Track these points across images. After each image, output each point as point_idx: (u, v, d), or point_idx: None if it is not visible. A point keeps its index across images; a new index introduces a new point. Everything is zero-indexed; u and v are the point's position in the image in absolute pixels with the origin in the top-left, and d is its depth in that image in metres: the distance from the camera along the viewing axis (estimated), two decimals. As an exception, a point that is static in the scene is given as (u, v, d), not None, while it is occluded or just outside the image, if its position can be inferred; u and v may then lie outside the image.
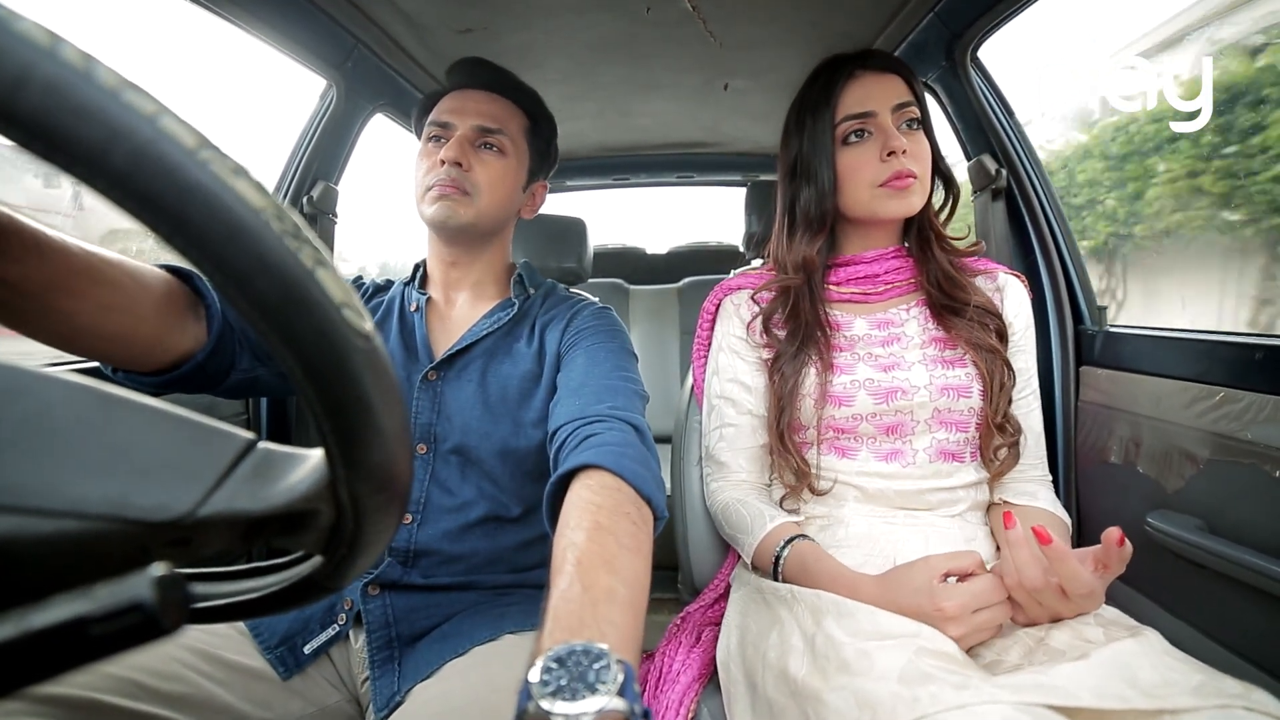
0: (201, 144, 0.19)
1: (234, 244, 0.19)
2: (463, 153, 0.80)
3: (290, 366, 0.22)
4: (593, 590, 0.43)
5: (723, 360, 0.90)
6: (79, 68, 0.17)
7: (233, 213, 0.19)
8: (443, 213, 0.80)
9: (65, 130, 0.17)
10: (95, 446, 0.22)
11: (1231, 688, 0.50)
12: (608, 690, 0.31)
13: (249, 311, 0.20)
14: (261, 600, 0.31)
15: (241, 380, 0.71)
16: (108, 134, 0.17)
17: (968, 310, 0.81)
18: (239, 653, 0.69)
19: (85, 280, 0.51)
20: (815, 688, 0.56)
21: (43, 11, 0.26)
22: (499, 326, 0.83)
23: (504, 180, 0.84)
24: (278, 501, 0.25)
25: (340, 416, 0.23)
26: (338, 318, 0.22)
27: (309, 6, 1.03)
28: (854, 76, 0.81)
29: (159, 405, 0.24)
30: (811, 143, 0.83)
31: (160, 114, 0.18)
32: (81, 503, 0.21)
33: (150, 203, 0.18)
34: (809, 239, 0.85)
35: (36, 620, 0.20)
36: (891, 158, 0.78)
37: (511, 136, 0.84)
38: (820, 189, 0.82)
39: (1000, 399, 0.78)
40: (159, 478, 0.23)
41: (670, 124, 1.84)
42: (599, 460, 0.58)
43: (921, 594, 0.62)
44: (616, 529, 0.50)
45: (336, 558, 0.28)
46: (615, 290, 2.42)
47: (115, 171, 0.18)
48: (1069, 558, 0.59)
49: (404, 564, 0.76)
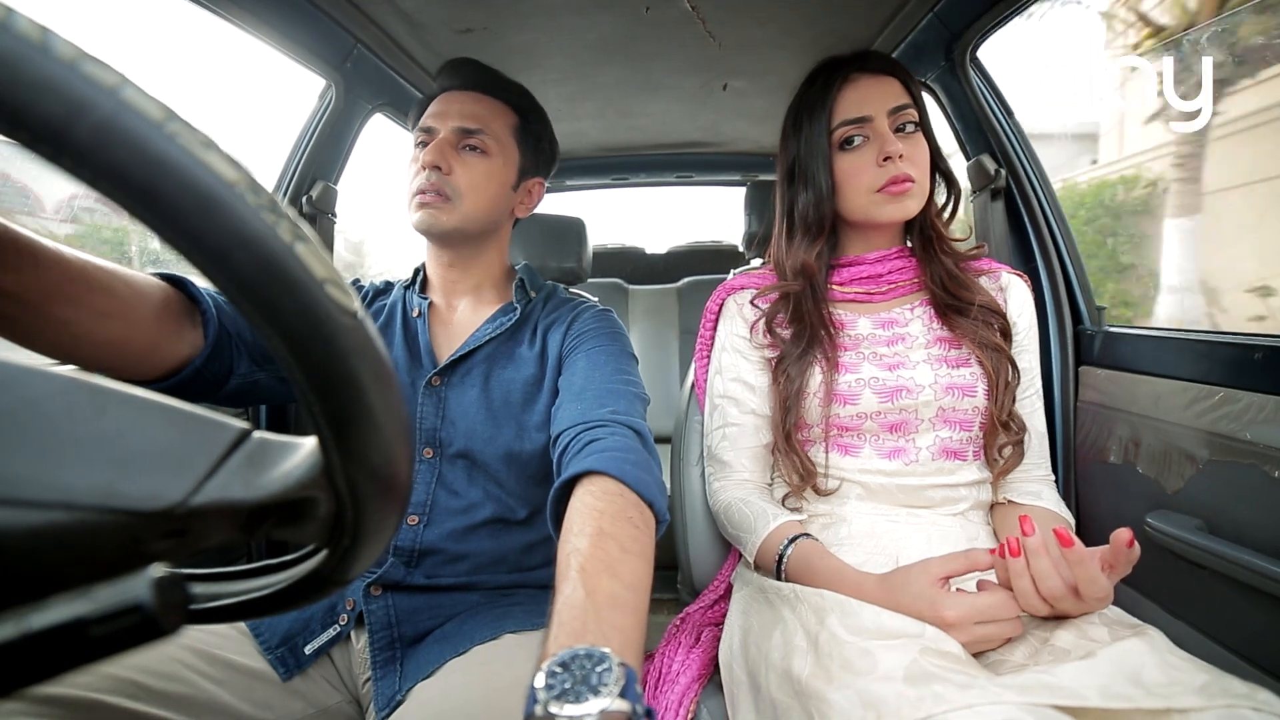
0: (168, 116, 0.18)
1: (208, 219, 0.19)
2: (442, 156, 0.80)
3: (275, 346, 0.21)
4: (596, 595, 0.43)
5: (726, 360, 0.90)
6: (35, 40, 0.16)
7: (205, 186, 0.18)
8: (425, 220, 0.80)
9: (23, 106, 0.16)
10: (84, 437, 0.21)
11: (1237, 687, 0.50)
12: (610, 692, 0.32)
13: (228, 288, 0.20)
14: (264, 600, 0.31)
15: (241, 385, 0.71)
16: (68, 108, 0.17)
17: (972, 310, 0.81)
18: (239, 653, 0.69)
19: (82, 288, 0.51)
20: (819, 687, 0.56)
21: (42, 10, 0.26)
22: (501, 331, 0.83)
23: (488, 181, 0.83)
24: (273, 489, 0.25)
25: (330, 398, 0.22)
26: (321, 295, 0.21)
27: (308, 6, 1.02)
28: (850, 80, 0.81)
29: (149, 396, 0.23)
30: (808, 147, 0.82)
31: (122, 85, 0.18)
32: (69, 493, 0.20)
33: (118, 178, 0.18)
34: (808, 243, 0.84)
35: (36, 621, 0.19)
36: (888, 163, 0.78)
37: (495, 135, 0.83)
38: (818, 193, 0.82)
39: (1005, 397, 0.78)
40: (149, 467, 0.22)
41: (670, 124, 1.84)
42: (602, 466, 0.59)
43: (922, 599, 0.62)
44: (619, 534, 0.51)
45: (340, 549, 0.28)
46: (615, 290, 2.42)
47: (78, 147, 0.17)
48: (1089, 561, 0.58)
49: (408, 564, 0.76)
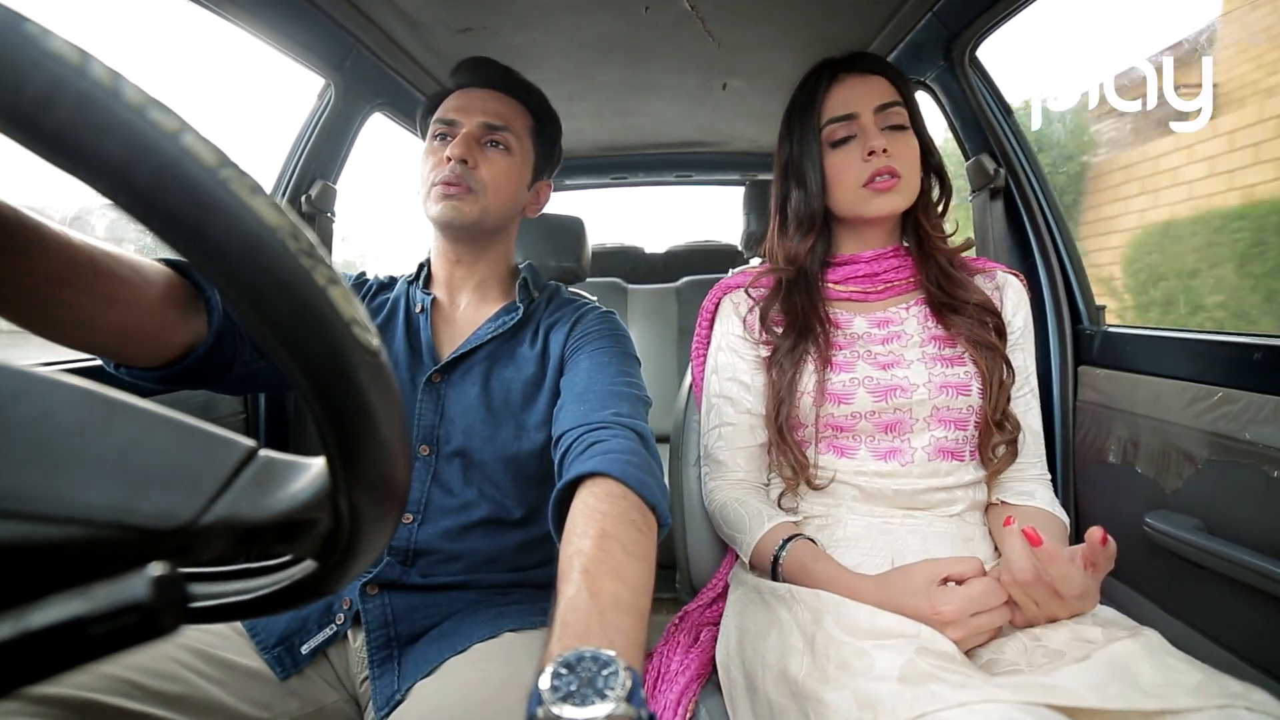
0: (222, 162, 0.19)
1: (249, 261, 0.20)
2: (469, 150, 0.81)
3: (298, 380, 0.22)
4: (600, 597, 0.43)
5: (722, 359, 0.90)
6: (106, 85, 0.17)
7: (249, 230, 0.19)
8: (448, 211, 0.80)
9: (89, 148, 0.17)
10: (99, 452, 0.22)
11: (1232, 687, 0.50)
12: (616, 696, 0.32)
13: (260, 327, 0.21)
14: (259, 600, 0.31)
15: (243, 375, 0.71)
16: (131, 152, 0.18)
17: (968, 309, 0.81)
18: (237, 653, 0.69)
19: (87, 273, 0.51)
20: (815, 688, 0.56)
21: (42, 8, 0.26)
22: (503, 330, 0.83)
23: (509, 178, 0.84)
24: (278, 510, 0.25)
25: (344, 428, 0.23)
26: (347, 335, 0.22)
27: (308, 6, 1.03)
28: (837, 80, 0.83)
29: (160, 410, 0.24)
30: (800, 146, 0.85)
31: (182, 131, 0.19)
32: (88, 510, 0.21)
33: (170, 219, 0.19)
34: (800, 237, 0.86)
35: (35, 620, 0.19)
36: (872, 157, 0.79)
37: (517, 134, 0.85)
38: (808, 190, 0.84)
39: (1000, 396, 0.78)
40: (162, 485, 0.23)
41: (668, 123, 1.84)
42: (605, 468, 0.59)
43: (920, 596, 0.62)
44: (622, 536, 0.51)
45: (331, 564, 0.28)
46: (614, 289, 2.42)
47: (137, 188, 0.18)
48: (1060, 558, 0.59)
49: (403, 563, 0.76)
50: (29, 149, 0.17)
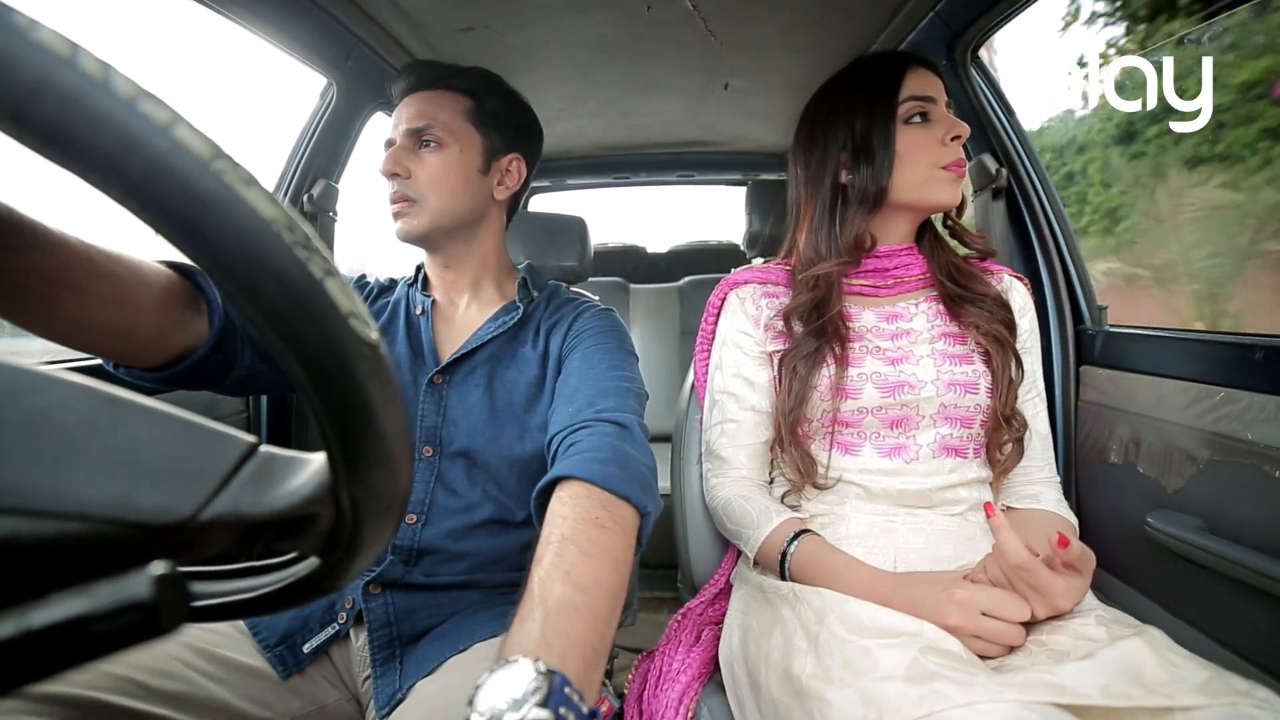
0: (215, 154, 0.19)
1: (244, 253, 0.19)
2: (398, 162, 0.80)
3: (296, 373, 0.22)
4: (547, 602, 0.46)
5: (726, 355, 0.89)
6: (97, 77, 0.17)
7: (244, 222, 0.19)
8: (401, 229, 0.82)
9: (80, 140, 0.17)
10: (99, 448, 0.22)
11: (1238, 684, 0.50)
12: (527, 702, 0.34)
13: (257, 319, 0.20)
14: (261, 599, 0.31)
15: (244, 377, 0.71)
16: (123, 144, 0.17)
17: (985, 301, 0.82)
18: (238, 651, 0.69)
19: (86, 273, 0.51)
20: (819, 687, 0.56)
21: (42, 7, 0.26)
22: (504, 330, 0.83)
23: (449, 172, 0.81)
24: (279, 506, 0.25)
25: (344, 422, 0.23)
26: (344, 327, 0.22)
27: (310, 5, 1.02)
28: (911, 68, 0.83)
29: (161, 407, 0.24)
30: (869, 119, 0.81)
31: (175, 123, 0.18)
32: (87, 505, 0.21)
33: (163, 211, 0.18)
34: (863, 215, 0.83)
35: (37, 618, 0.19)
36: (955, 142, 0.79)
37: (445, 125, 0.82)
38: (876, 166, 0.81)
39: (1009, 392, 0.78)
40: (162, 481, 0.23)
41: (670, 123, 1.83)
42: (570, 471, 0.60)
43: (938, 583, 0.63)
44: (580, 538, 0.52)
45: (333, 561, 0.28)
46: (616, 289, 2.42)
47: (130, 181, 0.18)
48: (1035, 567, 0.60)
49: (406, 563, 0.76)
50: (20, 142, 0.17)
